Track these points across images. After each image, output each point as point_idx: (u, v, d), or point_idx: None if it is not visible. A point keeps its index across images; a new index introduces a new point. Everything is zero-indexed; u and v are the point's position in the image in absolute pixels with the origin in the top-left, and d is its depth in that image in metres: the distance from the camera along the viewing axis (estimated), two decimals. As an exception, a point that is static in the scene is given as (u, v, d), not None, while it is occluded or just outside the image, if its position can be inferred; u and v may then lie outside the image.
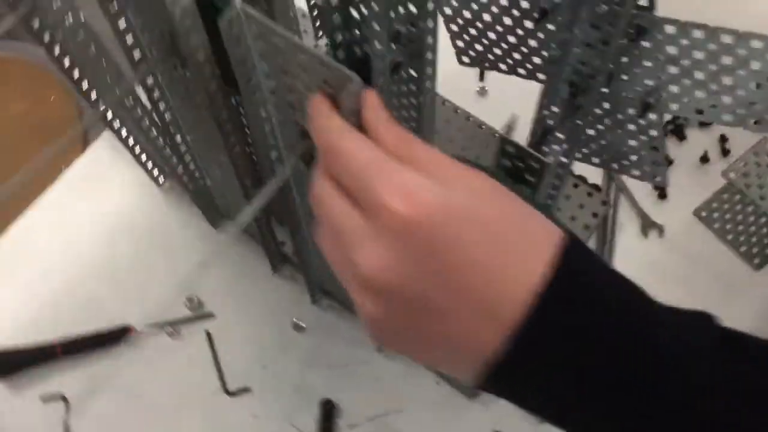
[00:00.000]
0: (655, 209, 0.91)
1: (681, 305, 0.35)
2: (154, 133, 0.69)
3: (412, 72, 0.52)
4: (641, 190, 0.91)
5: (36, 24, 0.51)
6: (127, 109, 0.62)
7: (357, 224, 0.35)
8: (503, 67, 0.63)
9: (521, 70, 0.61)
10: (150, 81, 0.60)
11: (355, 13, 0.48)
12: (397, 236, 0.33)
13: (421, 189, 0.33)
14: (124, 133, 0.75)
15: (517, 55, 0.60)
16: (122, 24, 0.53)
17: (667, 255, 0.88)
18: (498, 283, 0.32)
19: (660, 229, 0.89)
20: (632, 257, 0.88)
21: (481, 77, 0.99)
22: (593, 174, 0.79)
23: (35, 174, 0.47)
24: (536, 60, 0.59)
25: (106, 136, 0.96)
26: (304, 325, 0.84)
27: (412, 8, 0.46)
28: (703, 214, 0.89)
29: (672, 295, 0.35)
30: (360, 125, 0.42)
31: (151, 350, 0.83)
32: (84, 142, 1.22)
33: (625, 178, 0.91)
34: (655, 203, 0.91)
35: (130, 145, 0.78)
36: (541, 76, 0.60)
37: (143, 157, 0.83)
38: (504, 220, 0.34)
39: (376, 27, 0.44)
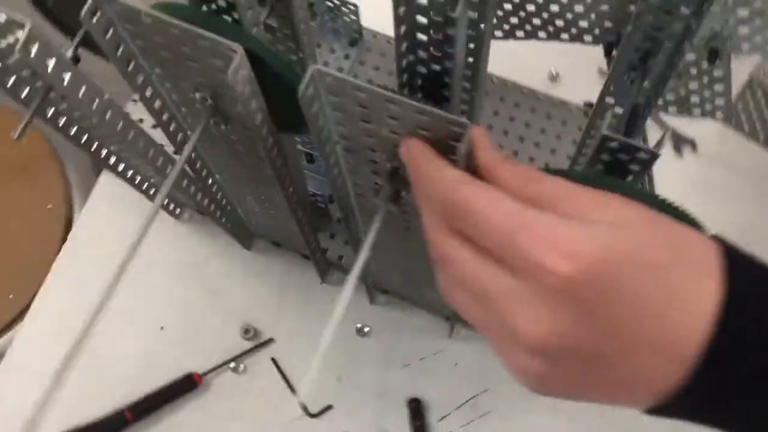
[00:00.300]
0: (682, 125, 0.89)
1: (730, 219, 0.33)
2: (185, 183, 0.64)
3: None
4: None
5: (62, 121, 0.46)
6: (158, 170, 0.58)
7: (508, 286, 0.32)
8: (542, 34, 0.59)
9: (564, 35, 0.58)
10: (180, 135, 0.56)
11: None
12: (562, 297, 0.30)
13: (576, 239, 0.31)
14: (144, 185, 0.70)
15: (559, 22, 0.56)
16: (158, 104, 0.49)
17: (704, 169, 0.87)
18: (673, 318, 0.30)
19: (693, 144, 0.88)
20: (671, 178, 0.86)
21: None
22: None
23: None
24: (583, 24, 0.55)
25: (104, 180, 0.90)
26: (368, 329, 0.81)
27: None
28: (732, 120, 0.88)
29: (719, 209, 0.34)
30: (470, 167, 0.38)
31: (221, 392, 0.80)
32: (64, 178, 1.16)
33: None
34: (680, 119, 0.89)
35: (151, 193, 0.73)
36: (587, 37, 0.57)
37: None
38: (664, 250, 0.31)
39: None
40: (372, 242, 0.43)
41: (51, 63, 0.45)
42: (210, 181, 0.65)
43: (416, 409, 0.78)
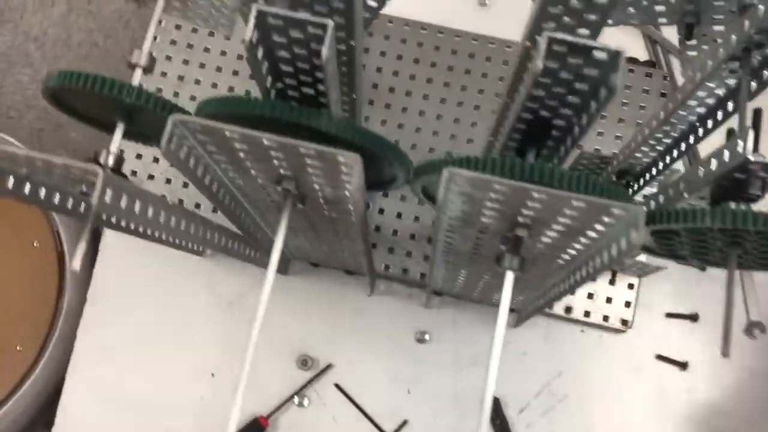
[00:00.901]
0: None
1: None
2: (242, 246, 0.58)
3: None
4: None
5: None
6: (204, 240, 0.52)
7: None
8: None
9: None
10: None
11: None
12: None
13: None
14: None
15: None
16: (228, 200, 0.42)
17: None
18: None
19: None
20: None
21: (472, -15, 0.87)
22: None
23: None
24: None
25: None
26: (427, 335, 0.78)
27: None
28: None
29: None
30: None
31: (292, 429, 0.76)
32: (44, 212, 1.06)
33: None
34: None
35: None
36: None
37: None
38: None
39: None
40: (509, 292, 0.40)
41: (123, 202, 0.38)
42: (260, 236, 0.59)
43: (495, 406, 0.76)
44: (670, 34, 0.87)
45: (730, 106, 0.55)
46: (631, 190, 0.78)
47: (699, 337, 0.79)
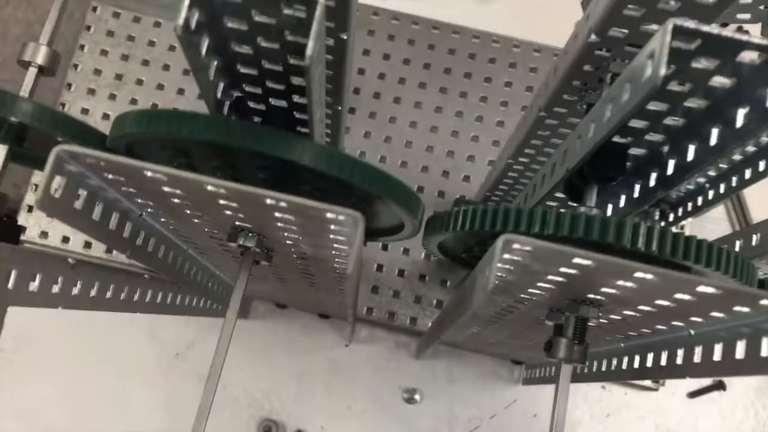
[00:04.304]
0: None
1: None
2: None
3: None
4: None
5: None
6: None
7: None
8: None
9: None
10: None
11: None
12: None
13: None
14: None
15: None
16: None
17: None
18: None
19: None
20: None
21: (472, -27, 0.73)
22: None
23: None
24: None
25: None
26: (417, 395, 0.65)
27: None
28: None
29: None
30: None
31: None
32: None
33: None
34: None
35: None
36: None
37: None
38: None
39: None
40: None
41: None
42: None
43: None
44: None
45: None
46: (664, 221, 0.66)
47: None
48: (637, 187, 0.31)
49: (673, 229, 0.27)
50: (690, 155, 0.26)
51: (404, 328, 0.64)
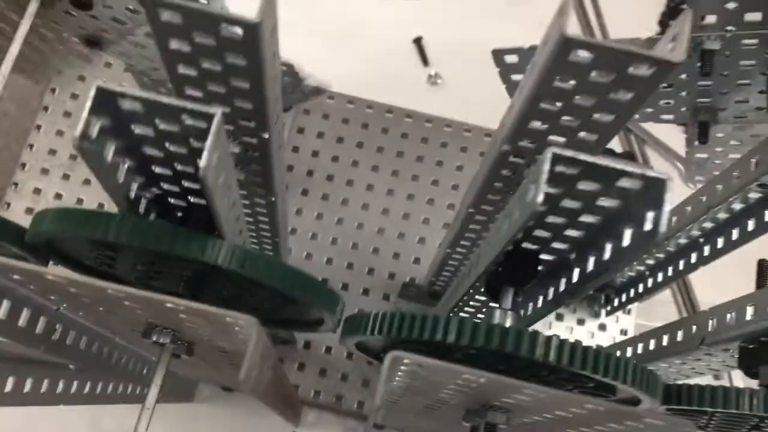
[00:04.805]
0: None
1: None
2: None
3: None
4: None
5: None
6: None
7: None
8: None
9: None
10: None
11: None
12: None
13: None
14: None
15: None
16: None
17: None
18: None
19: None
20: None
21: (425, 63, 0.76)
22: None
23: None
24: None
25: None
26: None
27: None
28: None
29: None
30: None
31: None
32: None
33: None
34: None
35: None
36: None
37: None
38: None
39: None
40: None
41: None
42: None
43: None
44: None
45: (750, 224, 0.44)
46: (609, 306, 0.66)
47: None
48: (551, 290, 0.32)
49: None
50: (590, 265, 0.27)
51: (352, 412, 0.63)
